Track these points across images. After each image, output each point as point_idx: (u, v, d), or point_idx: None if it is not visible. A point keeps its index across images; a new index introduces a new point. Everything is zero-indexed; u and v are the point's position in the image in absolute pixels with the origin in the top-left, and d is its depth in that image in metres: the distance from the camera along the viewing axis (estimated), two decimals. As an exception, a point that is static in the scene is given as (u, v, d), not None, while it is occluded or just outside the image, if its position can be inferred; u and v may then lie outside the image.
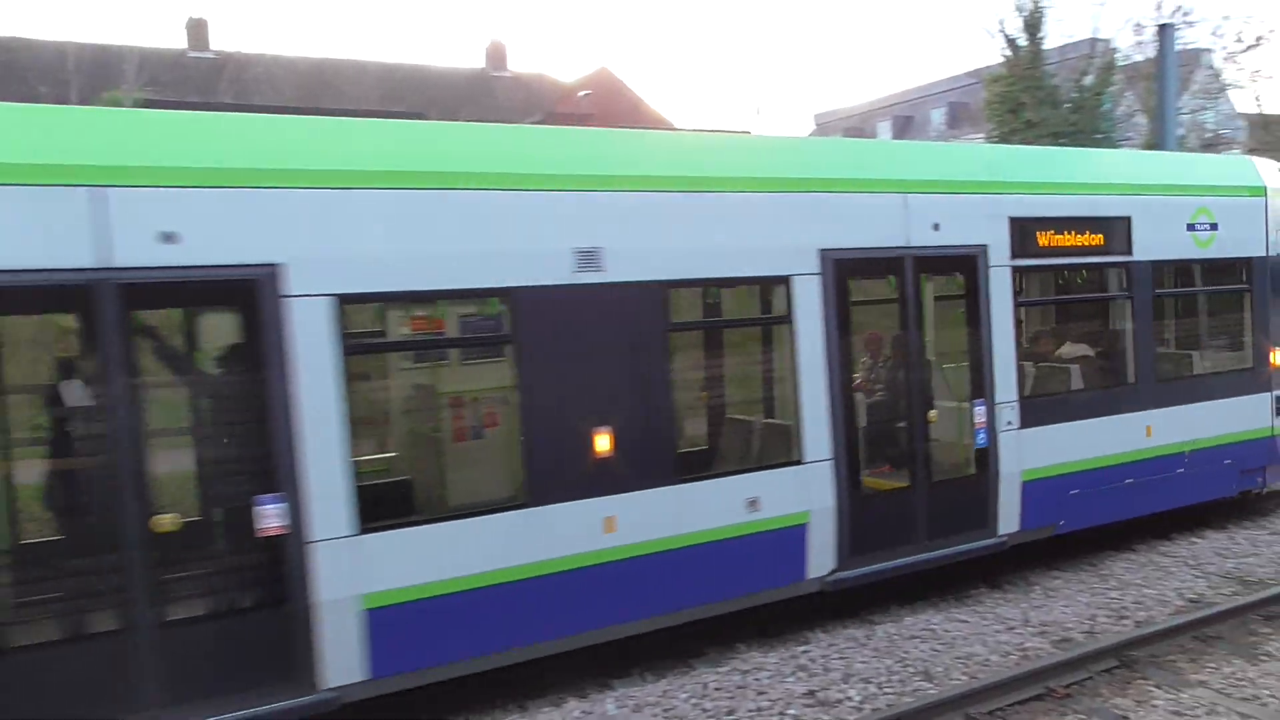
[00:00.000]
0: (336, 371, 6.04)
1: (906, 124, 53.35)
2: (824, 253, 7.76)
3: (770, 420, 8.44)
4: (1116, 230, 9.48)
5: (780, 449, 7.90)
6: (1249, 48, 37.33)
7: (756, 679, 7.08)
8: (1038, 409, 8.97)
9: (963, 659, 7.32)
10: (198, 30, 33.56)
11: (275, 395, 5.87)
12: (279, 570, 5.91)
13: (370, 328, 7.09)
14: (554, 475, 6.73)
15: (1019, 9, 30.70)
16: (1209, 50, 37.21)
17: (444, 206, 6.42)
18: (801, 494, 7.69)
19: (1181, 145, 27.24)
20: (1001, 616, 8.16)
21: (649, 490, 7.05)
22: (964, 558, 8.66)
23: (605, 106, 42.85)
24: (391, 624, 6.23)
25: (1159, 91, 20.54)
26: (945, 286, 9.17)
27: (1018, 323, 8.85)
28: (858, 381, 8.60)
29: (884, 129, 52.97)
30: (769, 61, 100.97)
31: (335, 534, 6.04)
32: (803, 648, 7.64)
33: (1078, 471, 9.19)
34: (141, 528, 5.53)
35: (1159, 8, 31.85)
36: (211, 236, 5.74)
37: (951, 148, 9.94)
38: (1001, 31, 31.07)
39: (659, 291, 7.10)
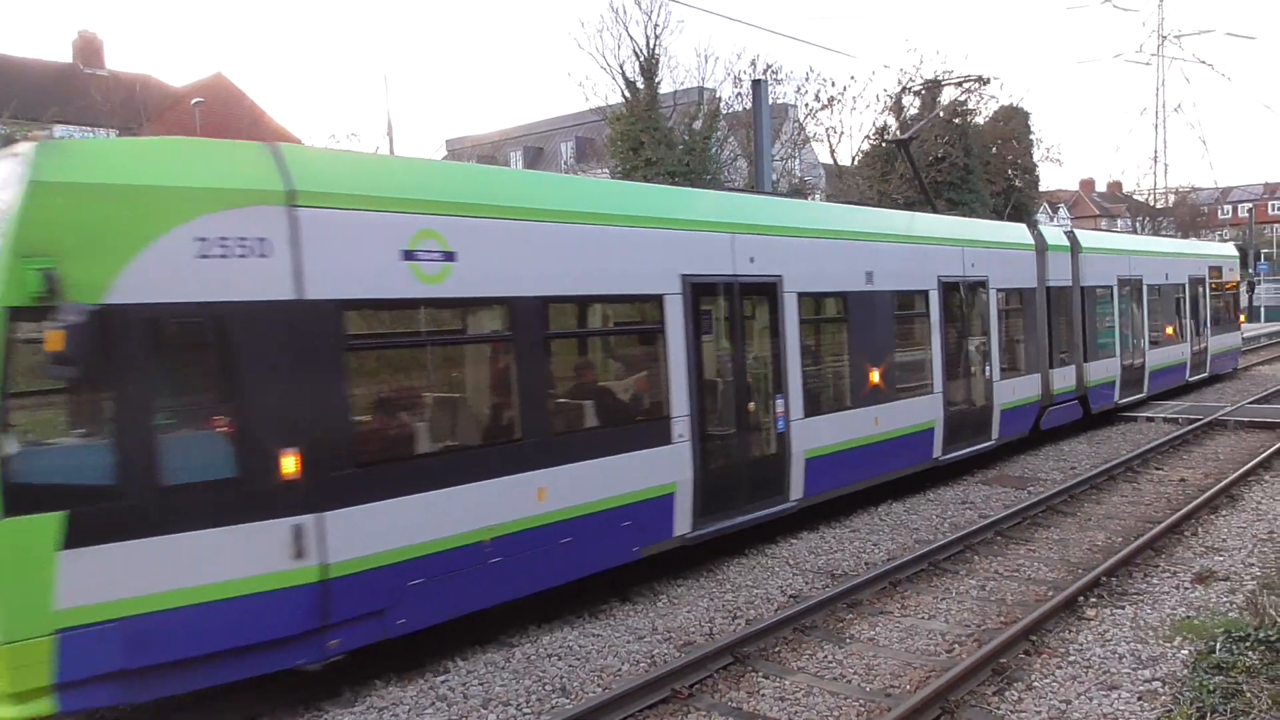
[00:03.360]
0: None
1: (537, 155, 55.06)
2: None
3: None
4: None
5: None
6: (824, 106, 42.76)
7: (394, 715, 6.86)
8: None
9: (597, 672, 7.60)
10: None
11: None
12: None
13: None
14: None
15: (636, 54, 32.85)
16: (794, 106, 42.08)
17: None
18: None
19: (775, 188, 30.45)
20: (632, 628, 8.58)
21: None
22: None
23: (221, 115, 39.86)
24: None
25: (755, 139, 22.92)
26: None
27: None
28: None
29: (516, 159, 54.26)
30: (400, 80, 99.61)
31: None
32: (441, 677, 7.53)
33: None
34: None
35: (754, 64, 35.68)
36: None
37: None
38: (622, 74, 33.10)
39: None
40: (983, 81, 21.13)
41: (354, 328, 7.33)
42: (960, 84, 22.74)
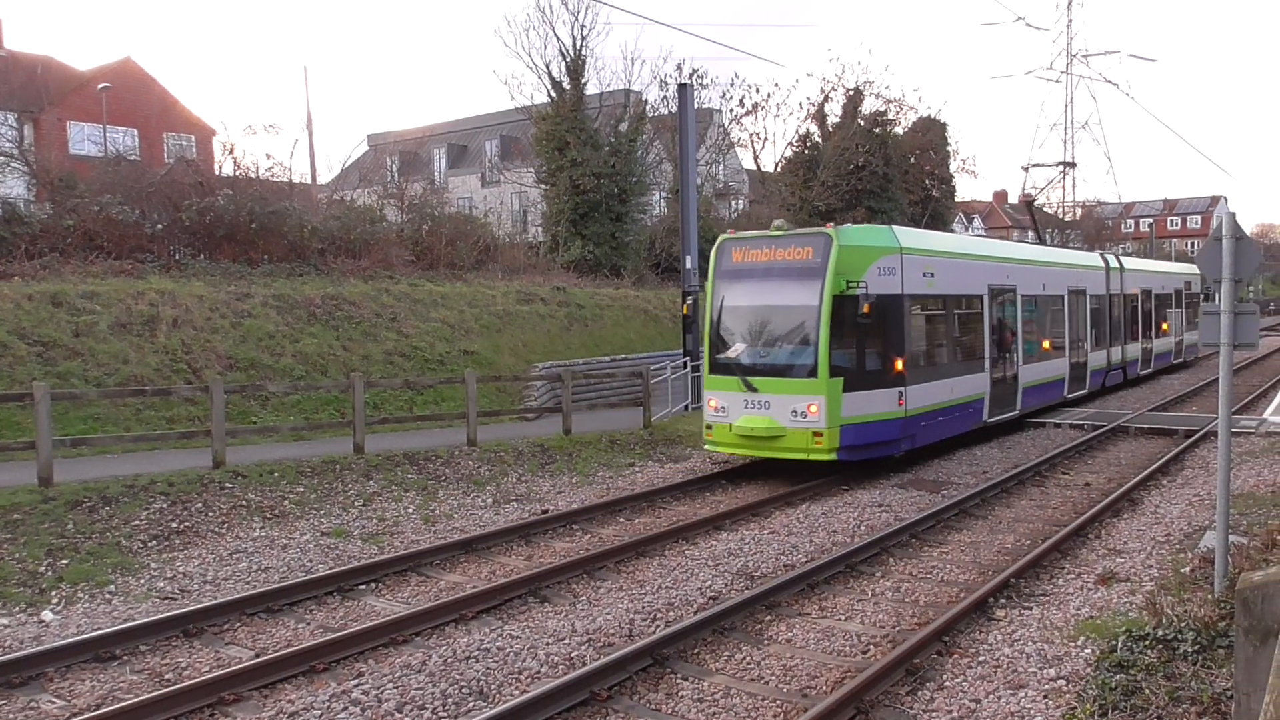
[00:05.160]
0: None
1: (461, 153, 54.38)
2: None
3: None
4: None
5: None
6: (748, 112, 43.11)
7: (305, 722, 6.68)
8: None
9: (516, 674, 7.52)
10: None
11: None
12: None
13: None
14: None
15: (563, 54, 32.68)
16: (719, 110, 42.31)
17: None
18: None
19: (700, 193, 30.59)
20: (551, 630, 8.51)
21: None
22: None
23: (129, 102, 38.50)
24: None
25: (680, 143, 23.00)
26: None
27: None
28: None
29: (439, 155, 53.52)
30: (321, 72, 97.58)
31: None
32: (355, 681, 7.36)
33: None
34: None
35: (679, 68, 35.86)
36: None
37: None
38: (548, 74, 32.89)
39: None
40: (1068, 166, 27.82)
41: (912, 306, 15.45)
42: (1061, 168, 29.74)
